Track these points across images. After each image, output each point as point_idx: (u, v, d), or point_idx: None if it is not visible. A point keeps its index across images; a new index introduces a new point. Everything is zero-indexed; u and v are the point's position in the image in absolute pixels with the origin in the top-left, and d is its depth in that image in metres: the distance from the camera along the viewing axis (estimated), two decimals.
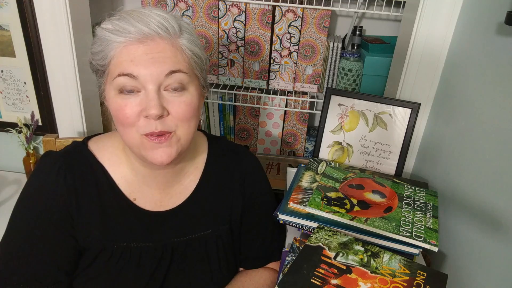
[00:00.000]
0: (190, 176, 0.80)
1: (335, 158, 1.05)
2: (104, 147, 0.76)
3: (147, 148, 0.66)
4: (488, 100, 0.81)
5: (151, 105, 0.62)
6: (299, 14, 1.31)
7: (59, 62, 1.15)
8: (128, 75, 0.63)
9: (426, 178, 1.05)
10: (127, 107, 0.64)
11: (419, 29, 1.00)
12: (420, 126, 1.09)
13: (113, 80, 0.64)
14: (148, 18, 0.63)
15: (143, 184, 0.76)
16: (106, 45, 0.64)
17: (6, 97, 1.30)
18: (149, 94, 0.63)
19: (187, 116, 0.67)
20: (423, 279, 0.67)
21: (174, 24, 0.66)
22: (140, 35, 0.62)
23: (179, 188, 0.79)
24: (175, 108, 0.65)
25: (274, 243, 0.88)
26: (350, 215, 0.80)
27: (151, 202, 0.76)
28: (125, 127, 0.66)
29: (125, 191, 0.75)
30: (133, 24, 0.62)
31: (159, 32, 0.64)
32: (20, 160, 1.34)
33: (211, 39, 1.37)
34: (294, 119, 1.51)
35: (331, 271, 0.67)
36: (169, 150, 0.66)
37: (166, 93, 0.65)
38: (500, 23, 0.79)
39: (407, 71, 1.05)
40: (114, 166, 0.75)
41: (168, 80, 0.64)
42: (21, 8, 1.14)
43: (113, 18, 0.65)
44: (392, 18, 1.48)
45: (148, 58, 0.62)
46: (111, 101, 0.66)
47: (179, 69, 0.65)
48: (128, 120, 0.64)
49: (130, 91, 0.64)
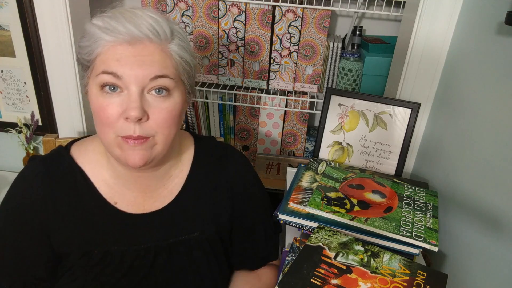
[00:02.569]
0: (175, 180, 0.78)
1: (335, 158, 1.05)
2: (85, 151, 0.75)
3: (122, 149, 0.65)
4: (488, 100, 0.81)
5: (132, 106, 0.61)
6: (299, 14, 1.31)
7: (59, 62, 1.15)
8: (112, 73, 0.61)
9: (426, 178, 1.05)
10: (109, 107, 0.62)
11: (419, 29, 1.00)
12: (420, 126, 1.10)
13: (96, 76, 0.63)
14: (140, 20, 0.62)
15: (125, 187, 0.74)
16: (94, 41, 0.63)
17: (6, 97, 1.30)
18: (131, 96, 0.62)
19: (167, 123, 0.65)
20: (423, 279, 0.67)
21: (166, 29, 0.64)
22: (130, 36, 0.61)
23: (164, 191, 0.77)
24: (156, 113, 0.64)
25: (270, 242, 0.86)
26: (350, 215, 0.80)
27: (133, 205, 0.75)
28: (103, 126, 0.64)
29: (106, 195, 0.73)
30: (123, 24, 0.61)
31: (149, 35, 0.62)
32: (20, 160, 1.34)
33: (211, 39, 1.37)
34: (294, 119, 1.51)
35: (331, 271, 0.67)
36: (143, 153, 0.65)
37: (149, 96, 0.64)
38: (500, 23, 0.79)
39: (407, 71, 1.05)
40: (94, 169, 0.74)
41: (152, 83, 0.63)
42: (21, 8, 1.14)
43: (105, 15, 0.64)
44: (392, 18, 1.48)
45: (135, 60, 0.61)
46: (93, 98, 0.65)
47: (165, 74, 0.63)
48: (108, 120, 0.63)
49: (113, 89, 0.63)
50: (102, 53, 0.63)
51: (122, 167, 0.72)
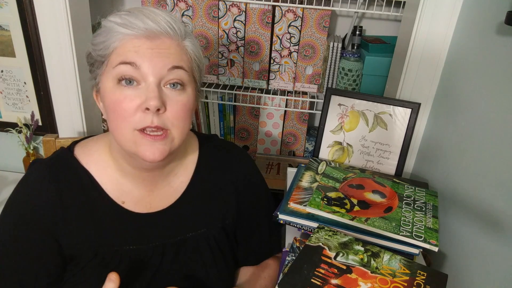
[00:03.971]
0: (180, 178, 0.79)
1: (335, 158, 1.05)
2: (90, 151, 0.75)
3: (139, 144, 0.65)
4: (488, 100, 0.81)
5: (151, 96, 0.62)
6: (299, 14, 1.31)
7: (59, 62, 1.15)
8: (131, 63, 0.62)
9: (426, 178, 1.05)
10: (126, 100, 0.63)
11: (419, 29, 1.00)
12: (420, 126, 1.10)
13: (113, 68, 0.63)
14: (158, 17, 0.64)
15: (131, 186, 0.75)
16: (110, 36, 0.63)
17: (6, 97, 1.30)
18: (150, 86, 0.62)
19: (183, 115, 0.66)
20: (423, 279, 0.67)
21: (180, 27, 0.66)
22: (148, 31, 0.63)
23: (169, 190, 0.78)
24: (173, 105, 0.65)
25: (273, 237, 0.88)
26: (350, 215, 0.80)
27: (140, 204, 0.75)
28: (119, 122, 0.64)
29: (113, 195, 0.74)
30: (142, 20, 0.62)
31: (168, 31, 0.64)
32: (20, 160, 1.34)
33: (211, 39, 1.37)
34: (294, 119, 1.51)
35: (331, 271, 0.67)
36: (162, 148, 0.65)
37: (165, 89, 0.65)
38: (500, 23, 0.79)
39: (407, 71, 1.05)
40: (100, 170, 0.74)
41: (169, 75, 0.64)
42: (21, 8, 1.14)
43: (122, 12, 0.65)
44: (392, 18, 1.48)
45: (152, 52, 0.63)
46: (107, 93, 0.65)
47: (181, 66, 0.65)
48: (126, 113, 0.63)
49: (130, 82, 0.63)
50: (119, 47, 0.63)
51: (130, 166, 0.72)
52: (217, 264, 0.79)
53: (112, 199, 0.74)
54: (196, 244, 0.78)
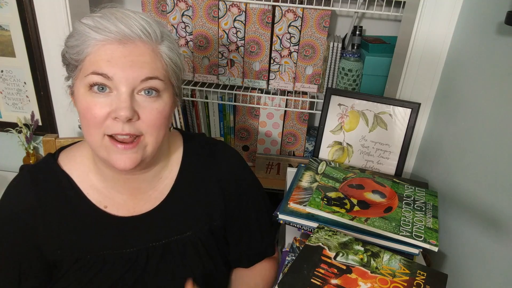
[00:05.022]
0: (165, 181, 0.77)
1: (335, 158, 1.05)
2: (73, 157, 0.75)
3: (110, 152, 0.64)
4: (488, 100, 0.81)
5: (122, 106, 0.61)
6: (299, 14, 1.31)
7: (59, 62, 1.14)
8: (102, 75, 0.61)
9: (426, 178, 1.05)
10: (96, 107, 0.62)
11: (419, 29, 1.00)
12: (420, 126, 1.09)
13: (85, 76, 0.62)
14: (132, 21, 0.62)
15: (114, 190, 0.74)
16: (83, 41, 0.62)
17: (6, 97, 1.30)
18: (121, 96, 0.61)
19: (157, 123, 0.65)
20: (423, 279, 0.67)
21: (156, 30, 0.64)
22: (121, 36, 0.61)
23: (154, 193, 0.76)
24: (147, 113, 0.64)
25: (266, 238, 0.86)
26: (350, 215, 0.80)
27: (123, 208, 0.74)
28: (90, 127, 0.64)
29: (95, 200, 0.73)
30: (115, 23, 0.61)
31: (141, 35, 0.62)
32: (20, 160, 1.34)
33: (211, 39, 1.37)
34: (294, 119, 1.51)
35: (331, 271, 0.67)
36: (134, 156, 0.64)
37: (139, 97, 0.63)
38: (500, 23, 0.79)
39: (407, 71, 1.05)
40: (82, 176, 0.73)
41: (143, 84, 0.63)
42: (21, 8, 1.15)
43: (95, 14, 0.63)
44: (392, 18, 1.48)
45: (126, 61, 0.61)
46: (80, 99, 0.64)
47: (156, 76, 0.63)
48: (95, 120, 0.62)
49: (102, 88, 0.62)
50: (92, 53, 0.62)
51: (110, 170, 0.71)
52: (204, 267, 0.77)
53: (94, 204, 0.73)
54: (183, 248, 0.76)
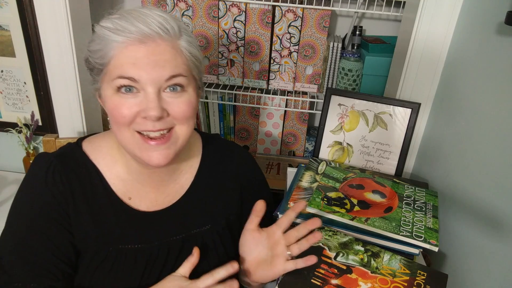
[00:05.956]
0: (186, 175, 0.80)
1: (335, 158, 1.05)
2: (98, 147, 0.76)
3: (143, 149, 0.66)
4: (488, 100, 0.81)
5: (151, 106, 0.63)
6: (299, 14, 1.31)
7: (59, 62, 1.15)
8: (129, 78, 0.63)
9: (426, 178, 1.05)
10: (125, 107, 0.64)
11: (419, 29, 1.00)
12: (420, 126, 1.10)
13: (112, 80, 0.64)
14: (149, 18, 0.63)
15: (138, 183, 0.76)
16: (105, 44, 0.64)
17: (6, 97, 1.30)
18: (149, 96, 0.63)
19: (186, 115, 0.67)
20: (423, 279, 0.67)
21: (174, 25, 0.66)
22: (141, 35, 0.62)
23: (175, 186, 0.79)
24: (175, 108, 0.66)
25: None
26: (350, 215, 0.80)
27: (146, 201, 0.76)
28: (120, 126, 0.66)
29: (119, 192, 0.74)
30: (133, 23, 0.62)
31: (160, 32, 0.63)
32: (20, 160, 1.34)
33: (211, 39, 1.37)
34: (294, 119, 1.51)
35: (331, 271, 0.67)
36: (166, 152, 0.67)
37: (165, 94, 0.65)
38: (500, 23, 0.79)
39: (407, 71, 1.05)
40: (108, 166, 0.75)
41: (167, 83, 0.65)
42: (21, 8, 1.14)
43: (113, 16, 0.65)
44: (392, 18, 1.48)
45: (149, 61, 0.62)
46: (108, 100, 0.66)
47: (179, 73, 0.65)
48: (125, 119, 0.64)
49: (129, 90, 0.64)
50: (116, 56, 0.63)
51: (137, 163, 0.73)
52: (220, 260, 0.78)
53: (119, 196, 0.74)
54: (201, 241, 0.78)
